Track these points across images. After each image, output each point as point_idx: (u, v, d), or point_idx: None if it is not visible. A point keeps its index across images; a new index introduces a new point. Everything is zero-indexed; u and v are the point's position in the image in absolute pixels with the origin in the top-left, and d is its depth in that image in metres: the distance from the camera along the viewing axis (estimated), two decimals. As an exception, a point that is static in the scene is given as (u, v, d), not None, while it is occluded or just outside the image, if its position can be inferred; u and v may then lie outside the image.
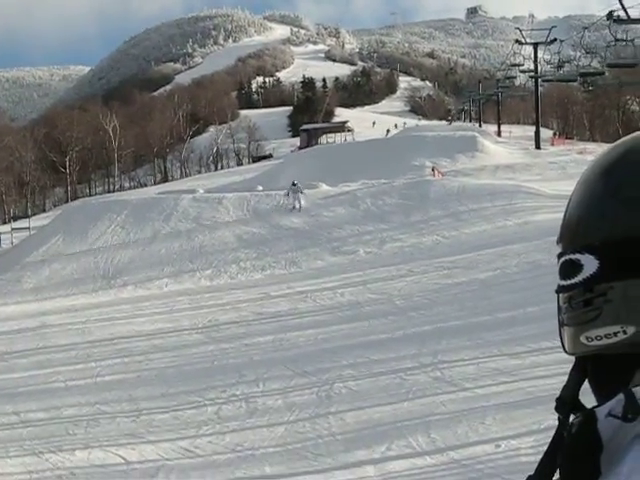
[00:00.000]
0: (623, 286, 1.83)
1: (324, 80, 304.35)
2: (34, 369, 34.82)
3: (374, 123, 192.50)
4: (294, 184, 58.42)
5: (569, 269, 1.95)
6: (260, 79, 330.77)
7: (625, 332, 1.83)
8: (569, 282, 1.95)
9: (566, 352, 2.04)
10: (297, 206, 55.87)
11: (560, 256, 2.02)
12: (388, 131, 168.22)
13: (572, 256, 1.94)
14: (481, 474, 20.00)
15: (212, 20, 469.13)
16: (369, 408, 25.79)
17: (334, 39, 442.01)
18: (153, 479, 21.69)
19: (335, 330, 35.03)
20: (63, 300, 47.98)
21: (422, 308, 36.11)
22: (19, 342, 39.26)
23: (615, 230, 1.85)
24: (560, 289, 2.01)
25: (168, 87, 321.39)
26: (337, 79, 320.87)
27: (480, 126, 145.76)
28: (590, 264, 1.88)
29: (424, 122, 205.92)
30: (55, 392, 30.83)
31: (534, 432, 21.55)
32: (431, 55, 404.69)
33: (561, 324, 2.04)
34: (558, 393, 1.88)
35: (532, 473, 1.82)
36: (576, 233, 1.97)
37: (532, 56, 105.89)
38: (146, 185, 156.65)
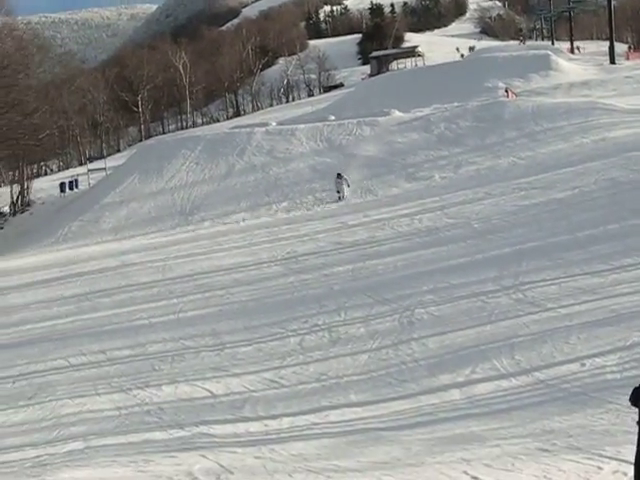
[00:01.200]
0: None
1: (392, 5, 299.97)
2: (117, 307, 35.17)
3: (457, 49, 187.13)
4: (339, 175, 54.08)
5: None
6: (327, 8, 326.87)
7: None
8: None
9: None
10: (342, 196, 53.11)
11: None
12: (462, 55, 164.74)
13: None
14: (567, 393, 19.91)
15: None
16: (451, 333, 25.79)
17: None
18: (240, 411, 21.93)
19: (414, 256, 35.16)
20: (142, 239, 48.28)
21: (501, 231, 35.97)
22: (101, 281, 39.59)
23: None
24: None
25: (235, 21, 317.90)
26: (405, 4, 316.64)
27: (552, 44, 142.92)
28: None
29: (496, 43, 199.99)
30: (139, 329, 31.09)
31: (619, 349, 21.68)
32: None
33: None
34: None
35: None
36: None
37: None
38: (218, 120, 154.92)
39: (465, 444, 17.13)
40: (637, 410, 2.86)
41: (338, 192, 53.36)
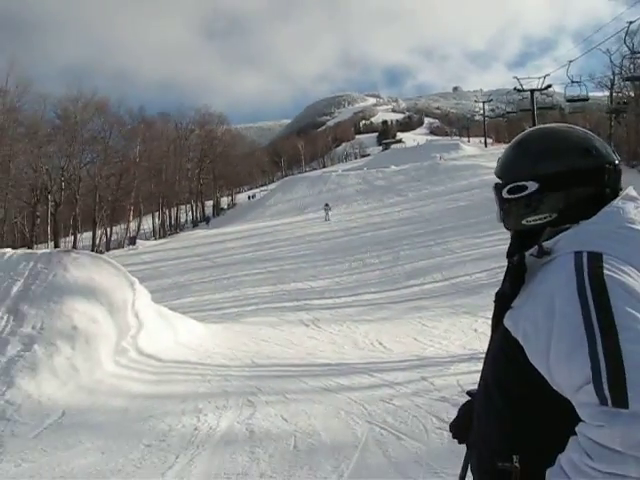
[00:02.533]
0: (551, 195, 1.88)
1: (391, 121, 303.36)
2: (271, 248, 35.02)
3: (417, 142, 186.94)
4: (326, 205, 46.83)
5: (516, 189, 1.94)
6: (363, 121, 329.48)
7: (551, 216, 1.88)
8: (517, 195, 1.95)
9: (507, 228, 2.06)
10: (327, 218, 44.59)
11: (504, 185, 2.01)
12: (418, 144, 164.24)
13: (520, 183, 1.94)
14: (463, 289, 19.48)
15: (341, 97, 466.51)
16: (415, 262, 25.47)
17: (394, 103, 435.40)
18: (323, 294, 22.00)
19: (399, 229, 34.68)
20: (283, 220, 48.29)
21: (437, 218, 34.99)
22: (265, 237, 39.64)
23: (546, 168, 1.89)
24: (508, 200, 1.99)
25: (323, 127, 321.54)
26: (397, 120, 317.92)
27: (462, 139, 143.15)
28: (532, 186, 1.89)
29: (437, 137, 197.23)
30: (281, 258, 31.00)
31: (486, 270, 20.77)
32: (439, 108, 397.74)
33: (505, 213, 2.03)
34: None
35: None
36: (518, 172, 1.96)
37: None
38: (316, 169, 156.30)
39: (419, 311, 17.24)
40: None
41: (325, 215, 45.30)
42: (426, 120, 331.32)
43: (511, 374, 1.80)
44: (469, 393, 2.26)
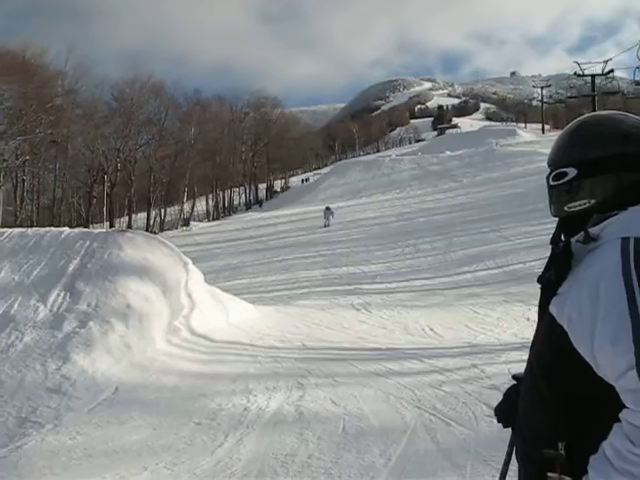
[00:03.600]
0: (589, 181, 1.88)
1: (447, 106, 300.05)
2: (324, 232, 35.50)
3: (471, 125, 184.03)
4: (327, 209, 39.22)
5: (558, 176, 1.98)
6: (419, 106, 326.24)
7: (590, 202, 1.88)
8: (560, 182, 1.97)
9: (553, 215, 2.07)
10: (327, 224, 37.83)
11: (551, 172, 2.04)
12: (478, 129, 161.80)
13: (561, 169, 1.97)
14: (517, 277, 19.30)
15: (396, 81, 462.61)
16: (468, 249, 25.24)
17: (450, 87, 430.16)
18: (375, 279, 21.95)
19: (453, 215, 34.51)
20: (336, 202, 48.26)
21: (492, 205, 34.58)
22: (316, 221, 39.68)
23: (584, 155, 1.91)
24: (553, 187, 2.02)
25: (378, 111, 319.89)
26: (453, 105, 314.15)
27: (520, 125, 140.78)
28: (571, 172, 1.92)
29: (493, 123, 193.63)
30: (335, 242, 31.01)
31: (542, 259, 21.02)
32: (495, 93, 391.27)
33: (550, 200, 2.05)
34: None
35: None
36: (562, 159, 1.98)
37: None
38: (369, 154, 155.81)
39: (472, 298, 17.11)
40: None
41: (325, 220, 38.49)
42: (482, 105, 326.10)
43: (556, 360, 1.81)
44: (514, 377, 2.26)
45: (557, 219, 2.09)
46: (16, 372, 8.77)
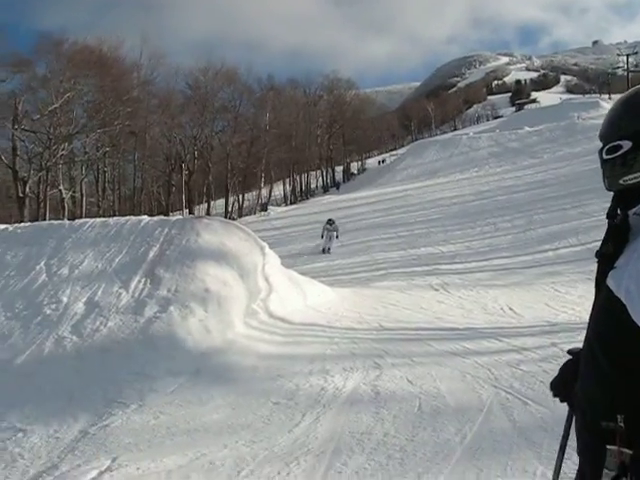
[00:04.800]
0: None
1: (525, 80, 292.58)
2: (402, 213, 34.84)
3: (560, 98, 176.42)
4: (330, 222, 27.94)
5: (612, 149, 1.99)
6: (496, 82, 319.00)
7: None
8: (613, 155, 1.98)
9: (607, 189, 2.09)
10: (327, 249, 26.58)
11: (604, 146, 2.07)
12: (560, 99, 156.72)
13: (614, 143, 1.98)
14: None
15: (471, 57, 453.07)
16: (549, 226, 24.73)
17: (528, 61, 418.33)
18: (453, 259, 21.72)
19: (534, 192, 33.57)
20: (412, 184, 47.95)
21: (574, 181, 33.45)
22: (395, 202, 39.51)
23: (637, 125, 1.90)
24: (606, 160, 2.04)
25: (454, 88, 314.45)
26: (531, 79, 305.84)
27: (604, 97, 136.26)
28: (626, 145, 1.92)
29: (574, 96, 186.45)
30: (412, 223, 30.56)
31: None
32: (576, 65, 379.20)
33: (605, 174, 2.07)
34: None
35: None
36: (615, 131, 2.00)
37: None
38: (446, 132, 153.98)
39: (552, 276, 16.82)
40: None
41: (325, 243, 27.10)
42: (562, 78, 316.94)
43: (615, 334, 1.81)
44: (570, 352, 2.27)
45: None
46: (102, 355, 9.14)
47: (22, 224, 15.22)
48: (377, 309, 13.15)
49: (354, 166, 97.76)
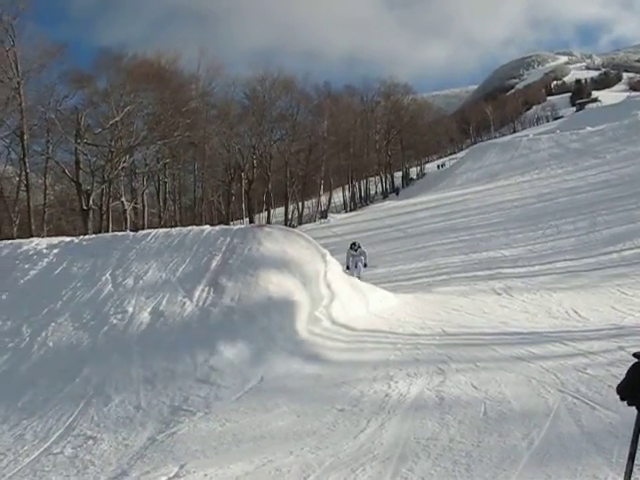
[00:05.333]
0: None
1: (585, 80, 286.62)
2: (461, 217, 34.50)
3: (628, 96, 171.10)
4: (354, 246, 23.08)
5: None
6: (555, 82, 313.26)
7: None
8: None
9: None
10: (357, 273, 20.93)
11: None
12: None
13: None
14: None
15: (530, 58, 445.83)
16: (614, 228, 24.27)
17: (588, 59, 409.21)
18: (516, 262, 21.41)
19: (597, 193, 32.79)
20: (472, 188, 47.55)
21: (637, 180, 33.61)
22: (454, 206, 39.08)
23: None
24: None
25: (512, 90, 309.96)
26: (592, 78, 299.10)
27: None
28: None
29: (636, 93, 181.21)
30: (469, 227, 30.62)
31: None
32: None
33: None
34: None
35: None
36: None
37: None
38: (505, 135, 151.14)
39: (618, 278, 16.48)
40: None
41: (348, 268, 21.34)
42: (625, 75, 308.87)
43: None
44: (637, 355, 2.25)
45: None
46: (167, 364, 9.32)
47: (87, 236, 15.62)
48: (440, 314, 13.09)
49: (413, 171, 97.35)
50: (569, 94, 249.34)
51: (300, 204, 69.72)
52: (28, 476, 6.75)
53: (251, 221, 58.90)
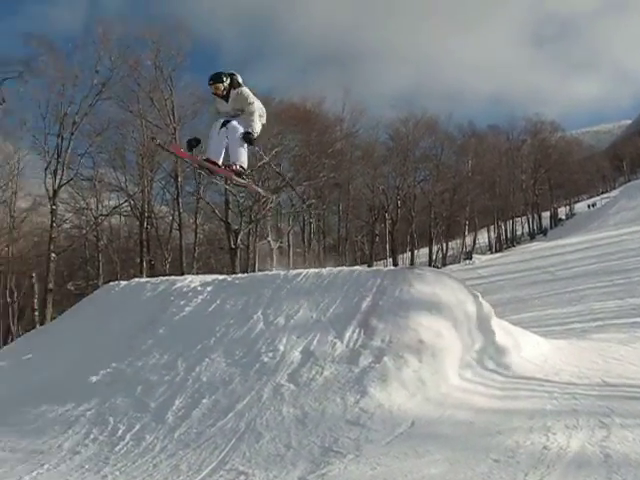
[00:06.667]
0: None
1: None
2: (617, 260, 33.13)
3: None
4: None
5: None
6: None
7: None
8: None
9: None
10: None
11: None
12: None
13: None
14: None
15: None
16: None
17: None
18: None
19: None
20: (628, 228, 45.29)
21: None
22: (609, 247, 37.53)
23: None
24: None
25: None
26: None
27: None
28: None
29: None
30: (625, 269, 28.95)
31: None
32: None
33: None
34: None
35: None
36: None
37: None
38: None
39: None
40: None
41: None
42: None
43: None
44: None
45: None
46: (318, 404, 9.36)
47: (240, 275, 16.11)
48: (597, 363, 12.41)
49: (561, 211, 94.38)
50: None
51: (444, 245, 69.21)
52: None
53: (394, 262, 58.98)
